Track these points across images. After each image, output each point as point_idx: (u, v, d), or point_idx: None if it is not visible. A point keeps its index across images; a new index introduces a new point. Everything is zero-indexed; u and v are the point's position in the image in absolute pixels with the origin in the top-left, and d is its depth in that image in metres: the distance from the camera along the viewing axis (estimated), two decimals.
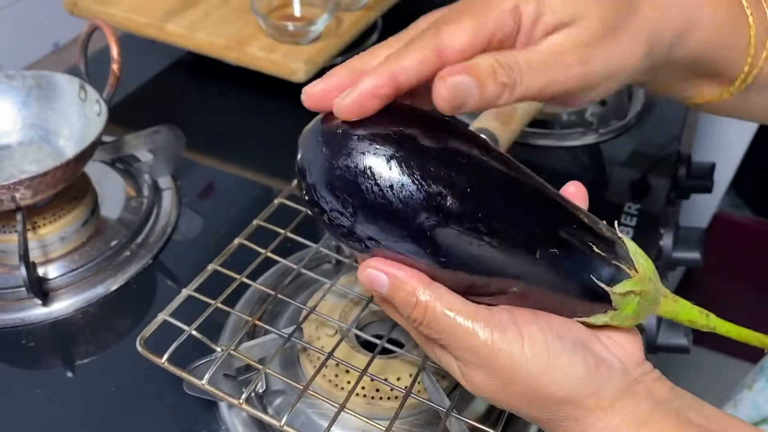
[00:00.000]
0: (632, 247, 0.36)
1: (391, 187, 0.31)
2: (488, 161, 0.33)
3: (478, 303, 0.34)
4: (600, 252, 0.34)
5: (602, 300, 0.35)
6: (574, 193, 0.38)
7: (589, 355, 0.34)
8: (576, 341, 0.34)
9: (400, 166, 0.31)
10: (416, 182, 0.31)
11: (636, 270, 0.35)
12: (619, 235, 0.36)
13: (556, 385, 0.33)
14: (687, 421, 0.33)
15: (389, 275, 0.33)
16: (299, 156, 0.34)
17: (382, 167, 0.31)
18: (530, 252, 0.33)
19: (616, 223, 0.37)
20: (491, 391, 0.34)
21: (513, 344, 0.33)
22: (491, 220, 0.32)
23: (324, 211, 0.33)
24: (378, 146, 0.31)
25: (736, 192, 1.61)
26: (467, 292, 0.34)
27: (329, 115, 0.33)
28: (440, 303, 0.33)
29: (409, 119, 0.32)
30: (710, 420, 0.34)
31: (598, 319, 0.35)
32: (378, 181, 0.31)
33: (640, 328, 0.60)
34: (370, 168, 0.31)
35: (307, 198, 0.34)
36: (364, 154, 0.31)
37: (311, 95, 0.33)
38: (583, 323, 0.36)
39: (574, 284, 0.34)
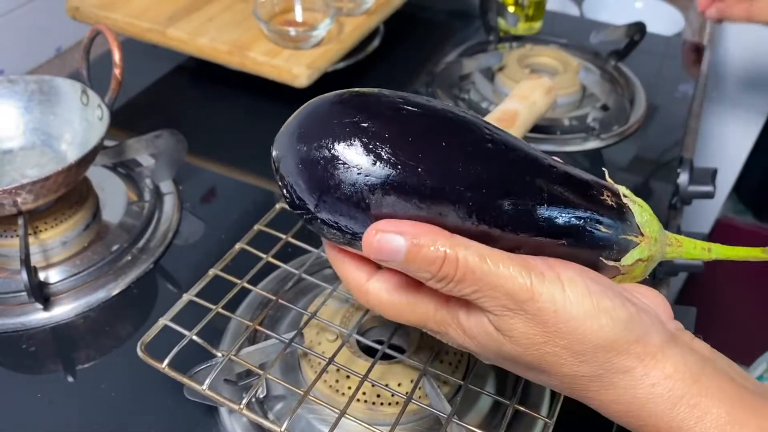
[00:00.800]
0: (638, 212, 0.36)
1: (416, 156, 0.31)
2: (489, 141, 0.33)
3: None
4: (606, 231, 0.34)
5: (610, 268, 0.35)
6: None
7: (627, 301, 0.32)
8: (613, 287, 0.33)
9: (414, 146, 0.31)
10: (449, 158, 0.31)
11: (642, 234, 0.35)
12: (625, 201, 0.36)
13: (602, 329, 0.30)
14: (735, 381, 0.31)
15: (405, 234, 0.30)
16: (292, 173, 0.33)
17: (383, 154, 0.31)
18: (543, 237, 0.33)
19: (623, 189, 0.36)
20: (534, 344, 0.31)
21: (553, 286, 0.31)
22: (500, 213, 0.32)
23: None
24: (371, 142, 0.31)
25: (738, 197, 1.61)
26: None
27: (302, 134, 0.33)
28: (471, 251, 0.30)
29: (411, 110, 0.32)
30: (755, 385, 0.32)
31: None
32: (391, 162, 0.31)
33: None
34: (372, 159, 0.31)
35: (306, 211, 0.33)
36: (356, 151, 0.31)
37: None
38: None
39: (583, 262, 0.34)
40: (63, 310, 0.58)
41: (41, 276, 0.59)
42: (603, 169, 0.38)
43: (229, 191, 0.73)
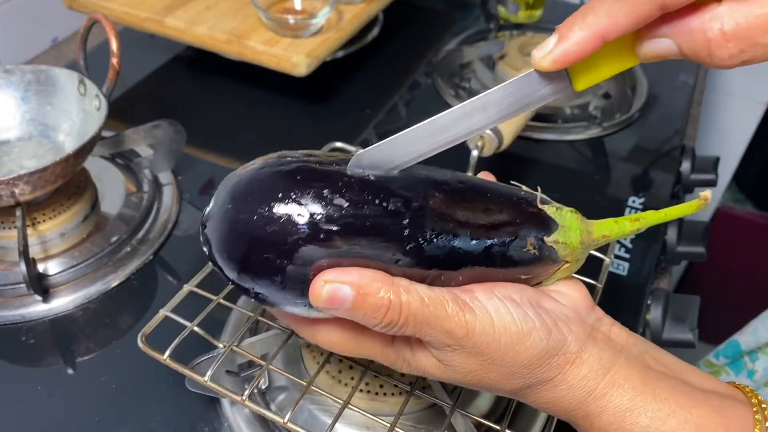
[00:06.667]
0: (552, 212, 0.37)
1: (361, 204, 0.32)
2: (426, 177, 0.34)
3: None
4: (533, 251, 0.36)
5: (551, 261, 0.37)
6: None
7: (545, 315, 0.35)
8: (531, 303, 0.35)
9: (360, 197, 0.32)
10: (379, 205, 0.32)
11: (560, 224, 0.37)
12: (541, 207, 0.37)
13: (527, 351, 0.33)
14: (647, 367, 0.35)
15: (352, 284, 0.31)
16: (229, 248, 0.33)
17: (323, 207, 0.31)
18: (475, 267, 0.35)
19: (539, 195, 0.38)
20: (471, 372, 0.34)
21: (485, 322, 0.33)
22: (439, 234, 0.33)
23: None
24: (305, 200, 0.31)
25: (738, 186, 1.60)
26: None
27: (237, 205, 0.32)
28: (412, 295, 0.32)
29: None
30: (666, 366, 0.36)
31: (553, 278, 0.38)
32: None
33: (645, 323, 0.60)
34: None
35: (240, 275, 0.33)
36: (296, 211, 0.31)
37: (560, 61, 0.30)
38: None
39: (510, 276, 0.36)
40: (62, 302, 0.58)
41: (40, 268, 0.58)
42: (513, 182, 0.39)
43: None
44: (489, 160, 0.63)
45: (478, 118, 0.33)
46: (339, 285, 0.31)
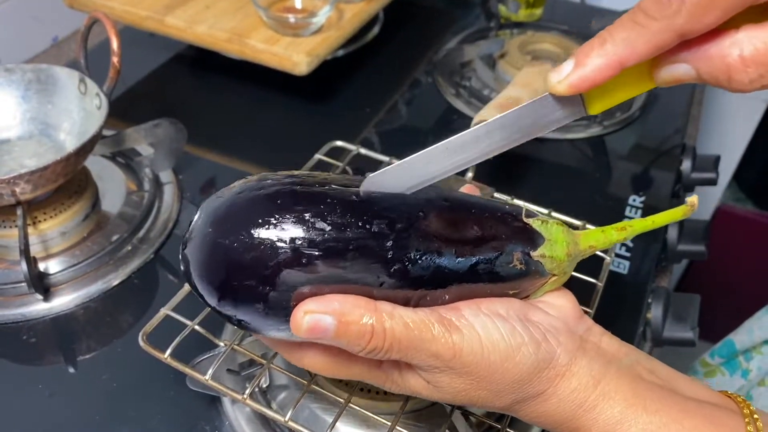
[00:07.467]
0: (537, 226, 0.37)
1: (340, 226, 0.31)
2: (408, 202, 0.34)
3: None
4: (520, 266, 0.36)
5: (538, 275, 0.36)
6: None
7: (533, 328, 0.35)
8: (518, 317, 0.35)
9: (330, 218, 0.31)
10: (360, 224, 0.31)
11: (546, 238, 0.37)
12: (527, 221, 0.37)
13: (517, 367, 0.33)
14: (638, 377, 0.35)
15: (333, 313, 0.31)
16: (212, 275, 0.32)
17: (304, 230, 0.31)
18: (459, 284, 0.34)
19: (524, 207, 0.38)
20: (461, 392, 0.34)
21: (472, 341, 0.33)
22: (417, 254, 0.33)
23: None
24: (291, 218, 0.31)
25: (738, 185, 1.60)
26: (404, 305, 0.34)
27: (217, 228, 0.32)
28: (396, 321, 0.32)
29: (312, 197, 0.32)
30: (658, 377, 0.36)
31: (540, 291, 0.37)
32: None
33: (646, 322, 0.60)
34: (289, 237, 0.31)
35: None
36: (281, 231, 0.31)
37: (576, 86, 0.30)
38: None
39: (497, 291, 0.36)
40: (63, 301, 0.58)
41: (41, 267, 0.58)
42: (495, 195, 0.39)
43: (229, 180, 0.71)
44: (488, 159, 0.63)
45: (491, 141, 0.33)
46: (320, 315, 0.31)
